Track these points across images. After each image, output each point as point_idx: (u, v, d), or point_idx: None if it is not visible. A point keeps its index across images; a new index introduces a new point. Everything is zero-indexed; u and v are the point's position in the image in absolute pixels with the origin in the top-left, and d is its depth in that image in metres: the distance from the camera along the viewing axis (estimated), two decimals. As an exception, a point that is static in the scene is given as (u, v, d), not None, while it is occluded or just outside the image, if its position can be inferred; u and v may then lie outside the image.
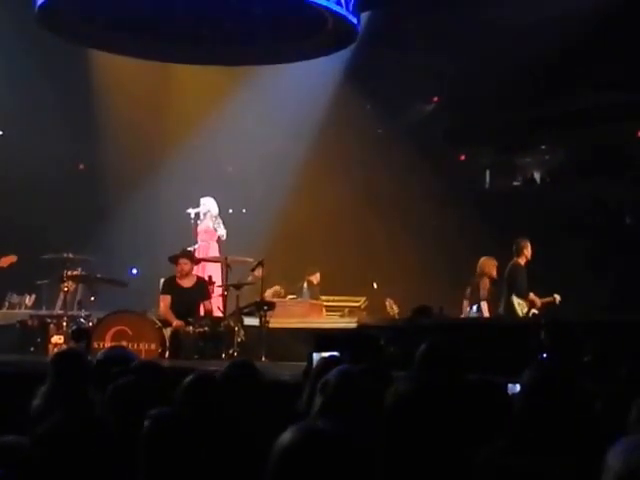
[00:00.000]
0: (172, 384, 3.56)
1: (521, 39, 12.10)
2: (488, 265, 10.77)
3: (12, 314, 11.00)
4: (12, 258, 10.49)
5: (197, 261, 10.59)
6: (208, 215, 11.84)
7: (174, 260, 9.98)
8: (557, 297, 10.36)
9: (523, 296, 10.24)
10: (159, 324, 9.28)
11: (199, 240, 11.80)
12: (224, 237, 11.79)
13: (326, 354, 4.31)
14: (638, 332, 7.23)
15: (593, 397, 2.80)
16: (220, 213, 12.01)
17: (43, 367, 4.38)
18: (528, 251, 10.48)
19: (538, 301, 10.26)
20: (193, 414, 3.01)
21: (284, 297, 12.43)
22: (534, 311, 10.18)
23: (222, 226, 11.85)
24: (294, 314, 11.22)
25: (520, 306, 10.20)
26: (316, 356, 4.50)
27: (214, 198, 12.02)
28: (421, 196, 14.11)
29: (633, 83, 13.15)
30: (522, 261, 10.49)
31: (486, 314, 10.49)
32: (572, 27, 11.94)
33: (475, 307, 10.69)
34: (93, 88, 13.71)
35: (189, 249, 10.93)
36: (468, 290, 11.02)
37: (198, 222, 11.83)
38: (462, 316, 10.84)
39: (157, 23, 10.97)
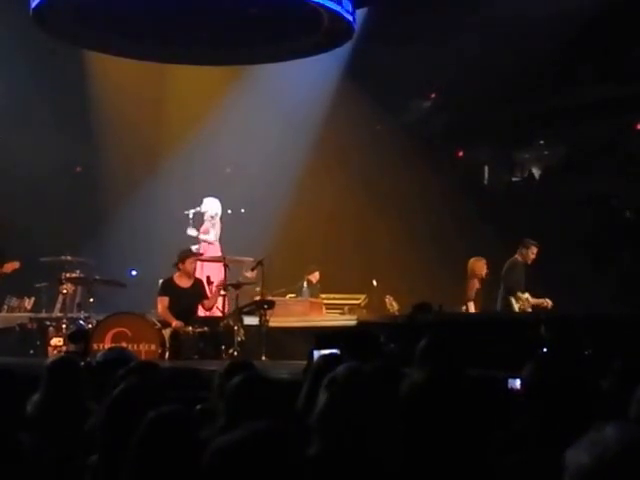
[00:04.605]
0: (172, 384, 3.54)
1: (519, 35, 12.09)
2: (477, 266, 10.78)
3: (12, 317, 11.00)
4: (15, 264, 10.50)
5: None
6: (207, 215, 11.81)
7: (183, 258, 9.88)
8: (549, 302, 10.32)
9: (514, 293, 10.22)
10: (159, 325, 9.27)
11: (200, 240, 11.75)
12: (210, 240, 11.64)
13: (326, 351, 4.29)
14: (638, 327, 7.23)
15: (593, 391, 2.79)
16: (222, 216, 11.94)
17: (43, 370, 4.35)
18: (531, 252, 10.45)
19: (531, 301, 10.24)
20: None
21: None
22: (528, 310, 10.17)
23: (215, 230, 11.68)
24: (294, 313, 11.22)
25: (518, 303, 10.20)
26: (317, 354, 4.48)
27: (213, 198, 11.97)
28: (420, 192, 14.10)
29: (631, 76, 13.14)
30: (520, 258, 10.47)
31: None
32: (570, 22, 11.95)
33: (463, 308, 10.72)
34: (90, 90, 13.69)
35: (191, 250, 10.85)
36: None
37: (191, 222, 11.72)
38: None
39: (153, 24, 10.94)
